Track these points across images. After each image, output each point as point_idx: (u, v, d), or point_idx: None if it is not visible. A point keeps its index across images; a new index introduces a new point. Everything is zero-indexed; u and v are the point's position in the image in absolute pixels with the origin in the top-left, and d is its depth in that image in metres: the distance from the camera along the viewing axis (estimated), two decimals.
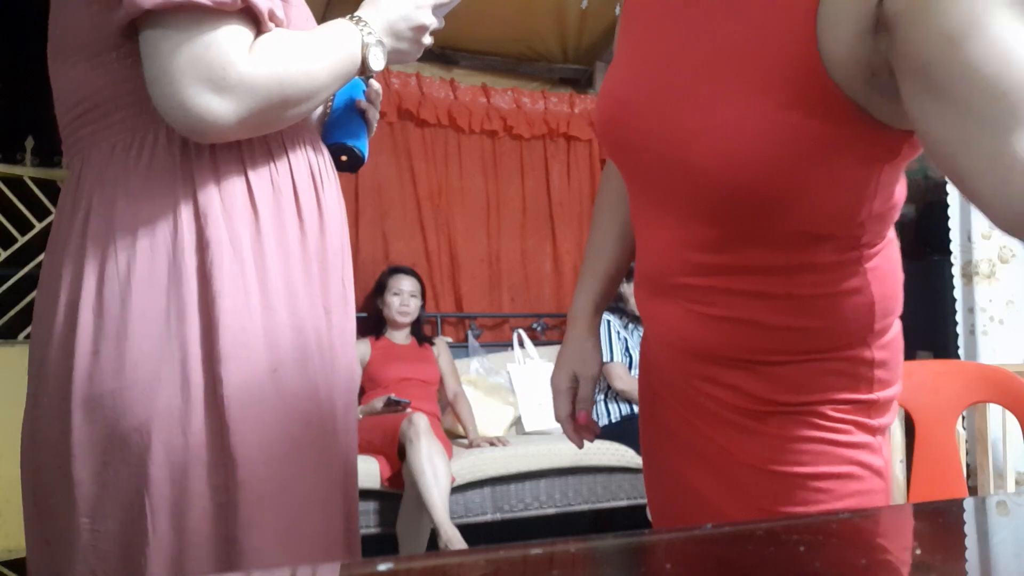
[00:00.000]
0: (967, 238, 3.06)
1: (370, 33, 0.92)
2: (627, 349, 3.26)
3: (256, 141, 0.89)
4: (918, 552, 0.52)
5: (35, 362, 0.89)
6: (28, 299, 3.19)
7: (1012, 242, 2.98)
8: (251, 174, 0.88)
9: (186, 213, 0.84)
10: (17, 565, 2.91)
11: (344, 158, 1.05)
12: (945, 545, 0.57)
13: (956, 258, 3.10)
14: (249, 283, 0.86)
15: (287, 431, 0.87)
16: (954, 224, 3.12)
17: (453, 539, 2.44)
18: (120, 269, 0.82)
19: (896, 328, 0.87)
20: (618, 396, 3.19)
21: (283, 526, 0.86)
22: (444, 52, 3.88)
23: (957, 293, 3.10)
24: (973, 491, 2.25)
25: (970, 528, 0.63)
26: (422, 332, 3.22)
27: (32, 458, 0.88)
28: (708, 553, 0.52)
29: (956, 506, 0.70)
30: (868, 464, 0.82)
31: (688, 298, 0.82)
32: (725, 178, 0.71)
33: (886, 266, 0.83)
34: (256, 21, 0.83)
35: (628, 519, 3.13)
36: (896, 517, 0.66)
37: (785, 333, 0.78)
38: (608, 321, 3.25)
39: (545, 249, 4.02)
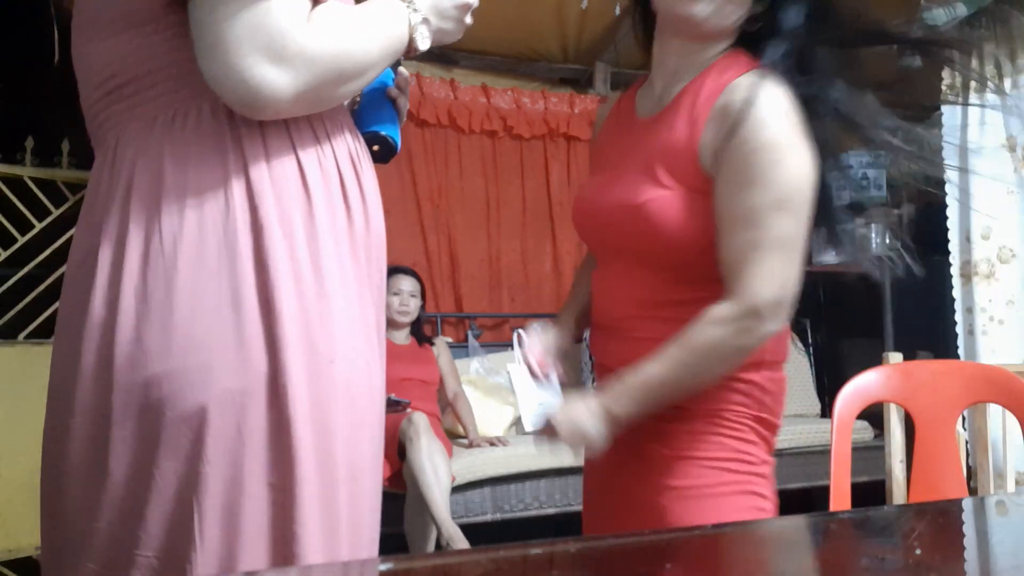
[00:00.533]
0: (966, 238, 3.06)
1: (416, 11, 0.89)
2: None
3: (302, 122, 0.84)
4: (918, 552, 0.52)
5: (66, 351, 0.81)
6: (28, 299, 3.19)
7: (1011, 242, 2.98)
8: (301, 155, 0.83)
9: (238, 189, 0.79)
10: (17, 565, 2.91)
11: (376, 148, 1.01)
12: (945, 545, 0.57)
13: (955, 258, 3.10)
14: (304, 268, 0.81)
15: (345, 425, 0.83)
16: (953, 224, 3.11)
17: (455, 537, 2.44)
18: (166, 247, 0.76)
19: (781, 379, 1.11)
20: None
21: (342, 526, 0.81)
22: (444, 52, 3.87)
23: (956, 293, 3.10)
24: (973, 491, 2.25)
25: (970, 528, 0.63)
26: (422, 332, 3.22)
27: (57, 455, 0.80)
28: (708, 553, 0.52)
29: (956, 506, 0.70)
30: (754, 455, 1.06)
31: (629, 327, 1.10)
32: (655, 234, 1.03)
33: None
34: None
35: None
36: (897, 517, 0.66)
37: None
38: None
39: (545, 249, 4.02)
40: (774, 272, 0.97)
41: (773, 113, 0.97)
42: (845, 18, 1.01)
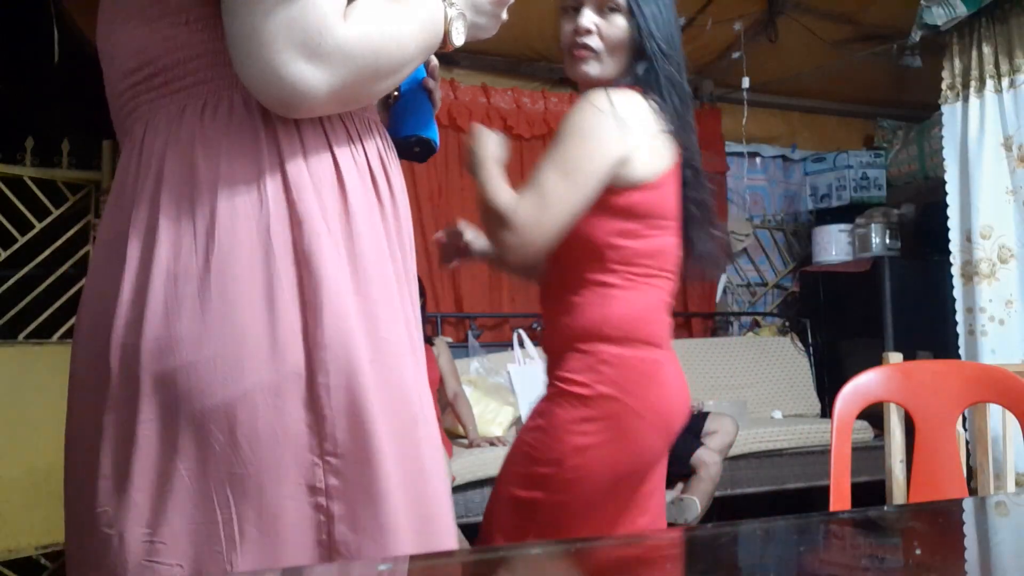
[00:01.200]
0: (966, 238, 3.06)
1: (452, 5, 0.87)
2: None
3: (335, 118, 0.83)
4: (918, 552, 0.52)
5: (89, 348, 0.78)
6: (28, 299, 3.20)
7: (1011, 242, 2.97)
8: (336, 151, 0.81)
9: (272, 184, 0.77)
10: (17, 565, 2.91)
11: (417, 149, 1.00)
12: (945, 545, 0.57)
13: (955, 258, 3.09)
14: (345, 264, 0.79)
15: (396, 424, 0.79)
16: (953, 224, 3.11)
17: None
18: (198, 242, 0.74)
19: (631, 357, 1.26)
20: None
21: (388, 527, 0.77)
22: (444, 52, 3.87)
23: (956, 293, 3.09)
24: (973, 491, 2.25)
25: (970, 528, 0.63)
26: (423, 332, 3.22)
27: (80, 458, 0.77)
28: (708, 553, 0.52)
29: (956, 506, 0.70)
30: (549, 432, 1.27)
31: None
32: None
33: (626, 299, 1.28)
34: None
35: None
36: (897, 517, 0.66)
37: (559, 327, 1.33)
38: None
39: None
40: (529, 204, 1.23)
41: (578, 107, 1.27)
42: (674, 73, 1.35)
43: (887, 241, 3.93)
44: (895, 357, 1.82)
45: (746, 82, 3.80)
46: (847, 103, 4.64)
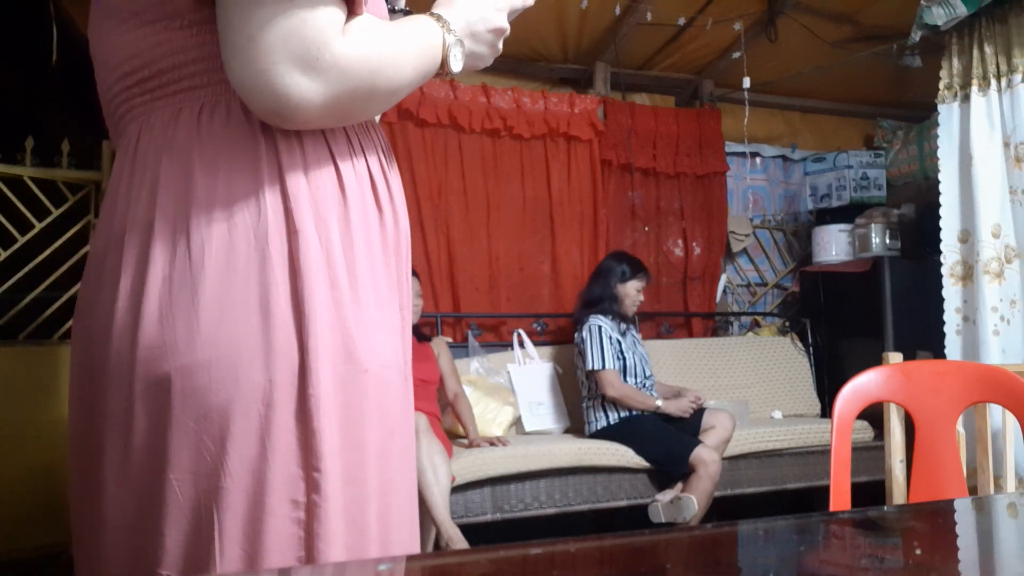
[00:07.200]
0: (959, 239, 3.06)
1: (451, 32, 0.87)
2: (620, 352, 3.23)
3: (338, 129, 0.83)
4: (918, 552, 0.52)
5: (84, 361, 0.79)
6: (28, 299, 3.19)
7: (1012, 241, 2.97)
8: (338, 159, 0.82)
9: (271, 196, 0.77)
10: (16, 565, 2.91)
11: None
12: (945, 545, 0.57)
13: (946, 258, 3.09)
14: (340, 275, 0.79)
15: (376, 437, 0.80)
16: (945, 224, 3.10)
17: (454, 538, 2.44)
18: (193, 254, 0.74)
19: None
20: (613, 403, 3.16)
21: (371, 542, 0.78)
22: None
23: (946, 293, 3.09)
24: (973, 491, 2.25)
25: (970, 528, 0.63)
26: (420, 329, 3.22)
27: (81, 465, 0.78)
28: (708, 553, 0.52)
29: (955, 506, 0.70)
30: None
31: None
32: None
33: None
34: (350, 2, 0.77)
35: (628, 519, 3.13)
36: (897, 517, 0.66)
37: None
38: (600, 327, 3.23)
39: (545, 249, 4.01)
40: None
41: None
42: None
43: (887, 241, 3.94)
44: (895, 357, 1.82)
45: (746, 82, 3.80)
46: (847, 103, 4.65)
